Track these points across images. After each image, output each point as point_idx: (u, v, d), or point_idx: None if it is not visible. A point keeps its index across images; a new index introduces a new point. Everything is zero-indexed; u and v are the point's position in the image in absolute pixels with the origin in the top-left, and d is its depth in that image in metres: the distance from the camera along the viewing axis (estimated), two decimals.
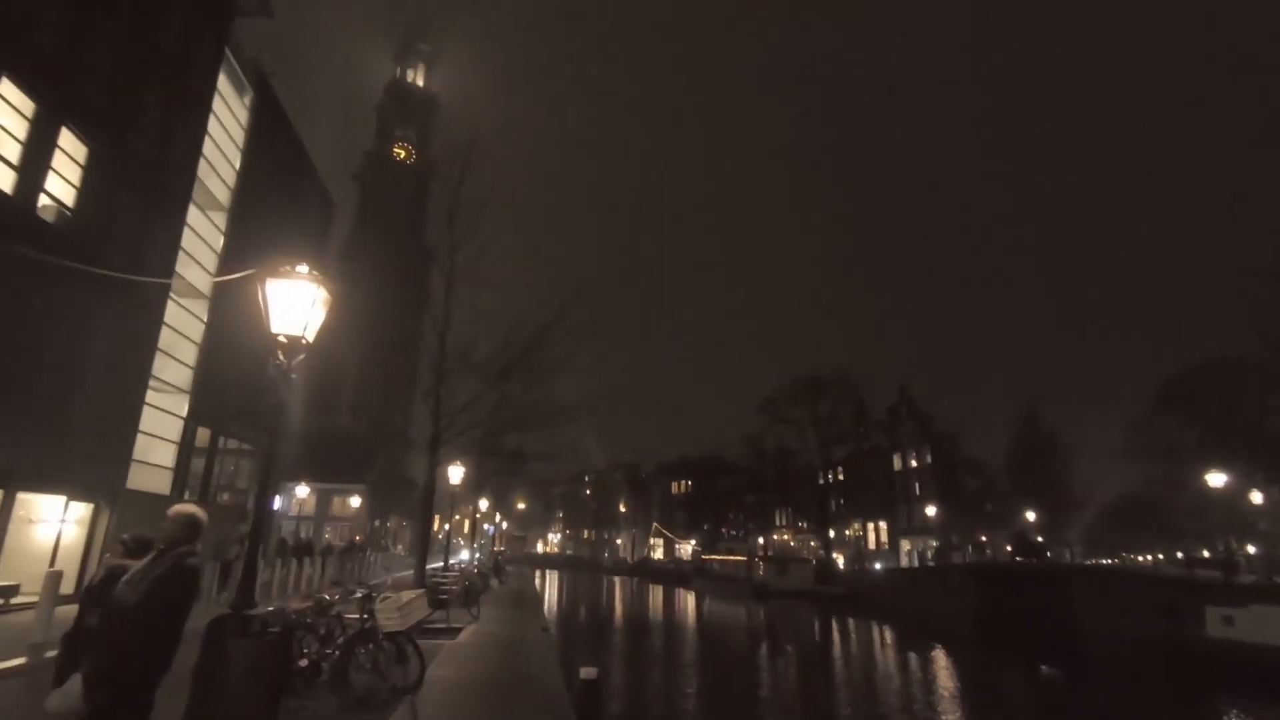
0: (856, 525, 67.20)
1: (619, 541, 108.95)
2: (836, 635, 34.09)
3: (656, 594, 56.15)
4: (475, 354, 18.24)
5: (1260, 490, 37.54)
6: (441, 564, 27.26)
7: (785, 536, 77.07)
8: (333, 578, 16.56)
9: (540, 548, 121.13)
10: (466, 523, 64.83)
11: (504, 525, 72.65)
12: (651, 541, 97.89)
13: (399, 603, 8.60)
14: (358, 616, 7.99)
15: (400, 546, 68.09)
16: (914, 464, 61.50)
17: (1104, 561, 56.70)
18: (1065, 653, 24.83)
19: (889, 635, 33.36)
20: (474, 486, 37.26)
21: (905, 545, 59.74)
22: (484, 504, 49.67)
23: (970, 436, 61.33)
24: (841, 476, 67.60)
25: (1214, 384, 50.10)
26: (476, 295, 18.14)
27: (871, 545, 64.45)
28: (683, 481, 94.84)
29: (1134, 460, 57.71)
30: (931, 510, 52.26)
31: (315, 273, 6.17)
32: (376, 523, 63.52)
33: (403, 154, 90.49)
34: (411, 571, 19.78)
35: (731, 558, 66.41)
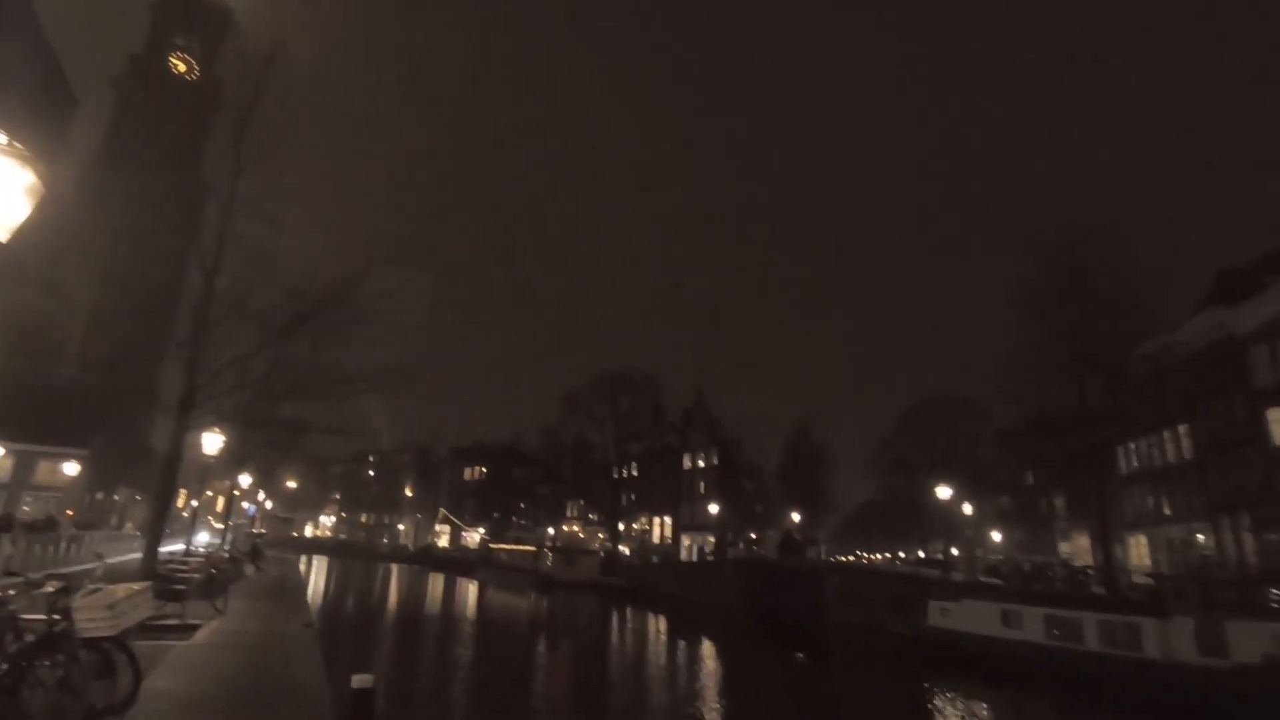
0: (644, 519, 69.85)
1: (401, 527, 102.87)
2: (615, 626, 34.84)
3: (438, 584, 53.57)
4: (253, 303, 15.47)
5: (970, 503, 45.18)
6: (182, 547, 23.25)
7: (575, 528, 77.91)
8: (6, 564, 12.99)
9: (310, 531, 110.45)
10: (221, 500, 56.92)
11: (268, 505, 64.73)
12: (437, 528, 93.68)
13: (111, 597, 6.67)
14: (44, 617, 6.06)
15: (130, 525, 57.84)
16: (701, 465, 65.37)
17: (846, 559, 64.80)
18: (816, 641, 27.60)
19: (664, 625, 34.82)
20: (234, 459, 32.41)
21: (686, 540, 63.23)
22: (245, 480, 43.62)
23: (750, 444, 66.79)
24: (634, 473, 69.86)
25: (942, 415, 59.79)
26: (261, 235, 15.39)
27: (656, 539, 67.35)
28: (476, 468, 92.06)
29: (878, 473, 66.86)
30: (713, 508, 55.80)
31: (16, 146, 4.43)
32: (99, 495, 53.27)
33: (181, 67, 77.26)
34: (138, 556, 16.40)
35: (520, 547, 65.59)
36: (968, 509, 45.85)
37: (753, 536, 59.36)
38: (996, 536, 56.72)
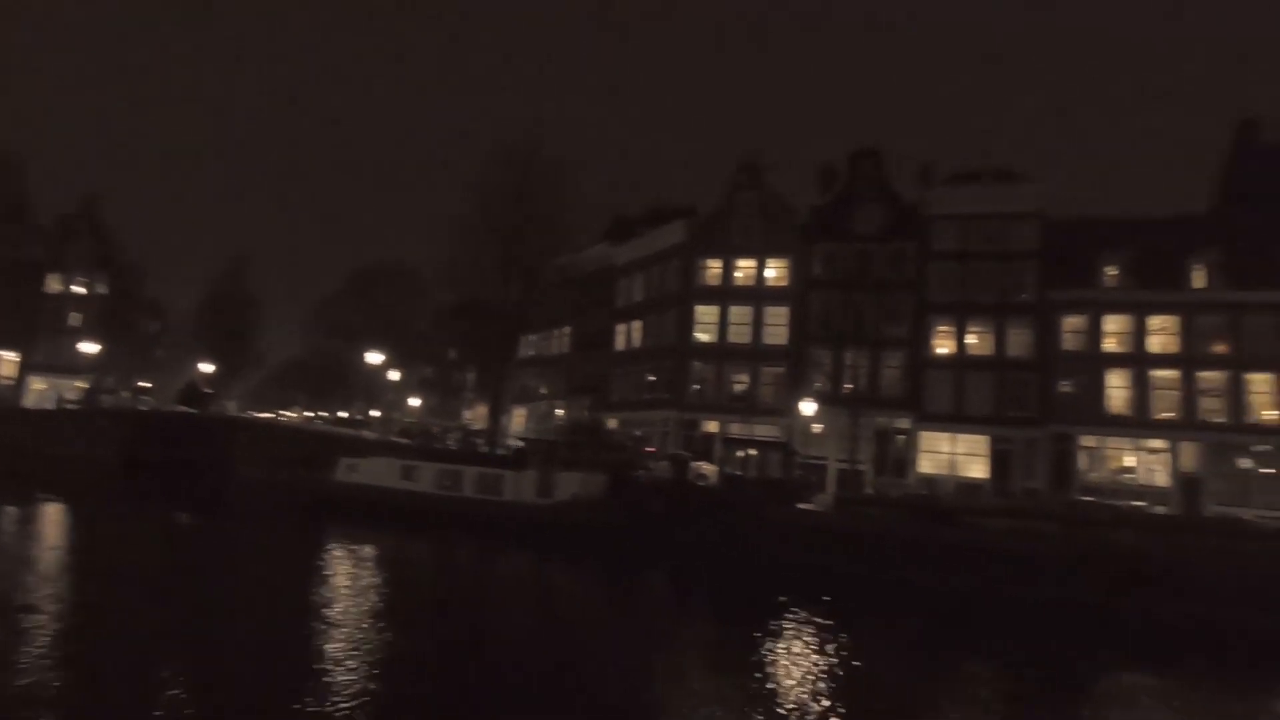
0: None
1: None
2: None
3: None
4: None
5: (397, 370, 48.47)
6: None
7: None
8: None
9: None
10: None
11: None
12: None
13: None
14: None
15: None
16: (80, 291, 51.26)
17: (263, 415, 61.62)
18: (217, 499, 25.89)
19: None
20: None
21: (41, 384, 49.27)
22: None
23: (161, 277, 55.55)
24: None
25: (388, 283, 61.74)
26: None
27: None
28: None
29: (312, 331, 65.14)
30: (91, 347, 44.74)
31: None
32: None
33: None
34: None
35: None
36: (394, 375, 49.13)
37: (146, 385, 50.02)
38: (415, 402, 62.63)
